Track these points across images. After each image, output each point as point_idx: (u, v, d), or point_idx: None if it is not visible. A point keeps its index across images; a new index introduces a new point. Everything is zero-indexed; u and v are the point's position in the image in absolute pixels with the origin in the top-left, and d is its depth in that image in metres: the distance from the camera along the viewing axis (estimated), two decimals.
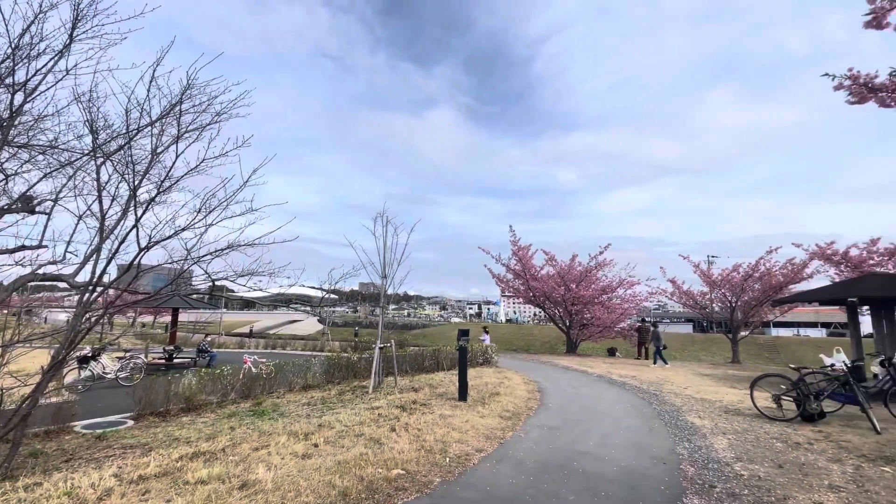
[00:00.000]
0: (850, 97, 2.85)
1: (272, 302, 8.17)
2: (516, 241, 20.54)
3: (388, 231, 9.32)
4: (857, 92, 2.75)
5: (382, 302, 9.42)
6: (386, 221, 9.44)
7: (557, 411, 7.19)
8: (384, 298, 9.39)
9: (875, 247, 14.57)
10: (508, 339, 43.00)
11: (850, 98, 2.87)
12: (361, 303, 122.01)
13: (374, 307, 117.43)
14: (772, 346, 33.37)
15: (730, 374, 12.97)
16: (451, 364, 12.06)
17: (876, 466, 4.56)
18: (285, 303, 6.89)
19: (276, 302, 10.28)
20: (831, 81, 2.84)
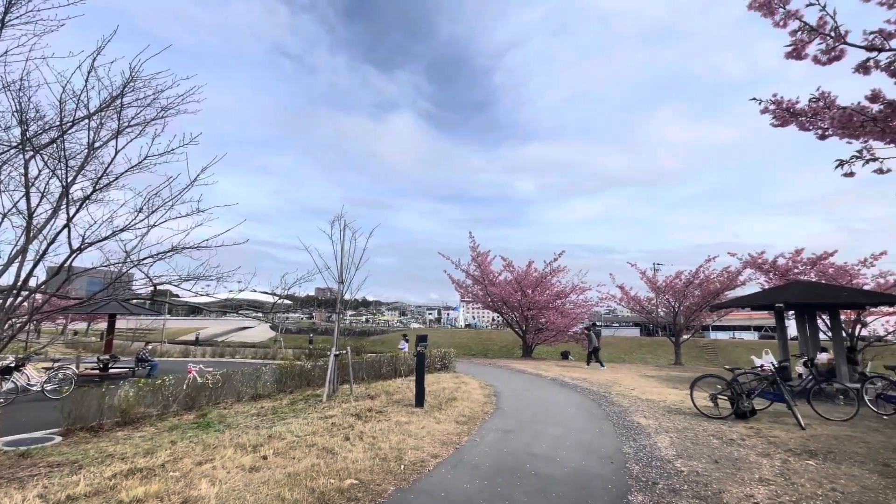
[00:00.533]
0: (774, 120, 3.14)
1: (221, 308, 7.81)
2: (476, 247, 20.82)
3: (345, 235, 9.17)
4: (780, 116, 3.04)
5: (339, 308, 9.22)
6: (343, 225, 9.30)
7: (512, 415, 7.32)
8: (340, 304, 9.21)
9: (799, 257, 15.97)
10: (467, 344, 43.28)
11: (773, 121, 3.16)
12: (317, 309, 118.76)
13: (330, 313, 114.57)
14: (711, 348, 35.63)
15: (673, 376, 13.71)
16: (409, 370, 11.99)
17: (801, 460, 4.97)
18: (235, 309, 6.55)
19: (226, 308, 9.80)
20: (758, 105, 3.13)
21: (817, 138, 2.91)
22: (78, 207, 4.72)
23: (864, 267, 14.40)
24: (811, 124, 2.88)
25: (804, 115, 2.87)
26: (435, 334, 51.55)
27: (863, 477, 4.36)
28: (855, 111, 2.65)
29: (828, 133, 2.86)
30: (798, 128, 2.95)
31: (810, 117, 2.85)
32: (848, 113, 2.67)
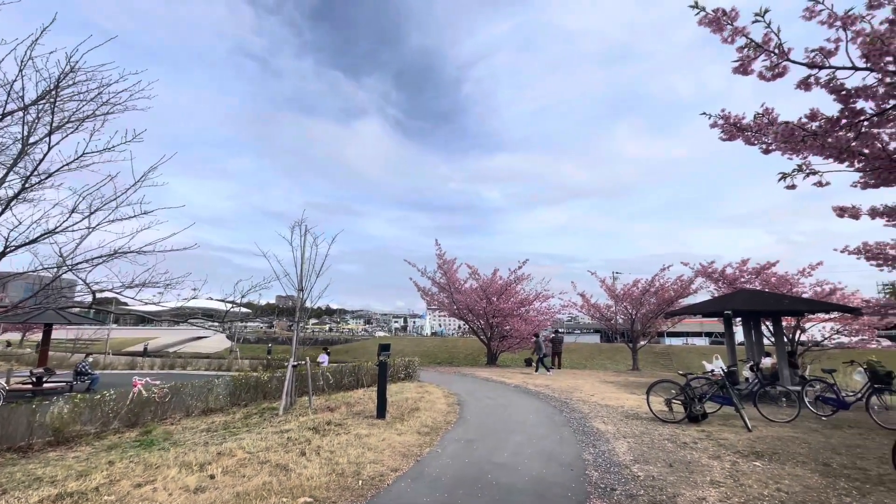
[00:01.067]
0: (723, 134, 3.30)
1: (172, 317, 7.40)
2: (442, 254, 20.80)
3: (305, 241, 8.89)
4: (728, 130, 3.20)
5: (297, 316, 8.91)
6: (304, 230, 9.01)
7: (475, 424, 7.27)
8: (300, 312, 8.90)
9: (745, 266, 16.91)
10: (433, 352, 43.09)
11: (722, 135, 3.33)
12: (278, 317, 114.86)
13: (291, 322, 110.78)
14: (666, 354, 37.13)
15: (630, 381, 14.11)
16: (372, 380, 11.73)
17: (749, 461, 5.18)
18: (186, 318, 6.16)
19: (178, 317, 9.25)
20: (707, 120, 3.28)
21: (762, 152, 3.09)
22: (4, 207, 4.32)
23: (803, 276, 15.42)
24: (756, 139, 3.04)
25: (749, 130, 3.03)
26: (400, 342, 51.02)
27: (805, 477, 4.59)
28: (796, 126, 2.82)
29: (771, 147, 3.03)
30: (744, 142, 3.11)
31: (755, 132, 3.01)
32: (790, 128, 2.83)
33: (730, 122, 3.11)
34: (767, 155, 3.17)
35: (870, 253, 9.98)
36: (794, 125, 2.78)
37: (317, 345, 56.65)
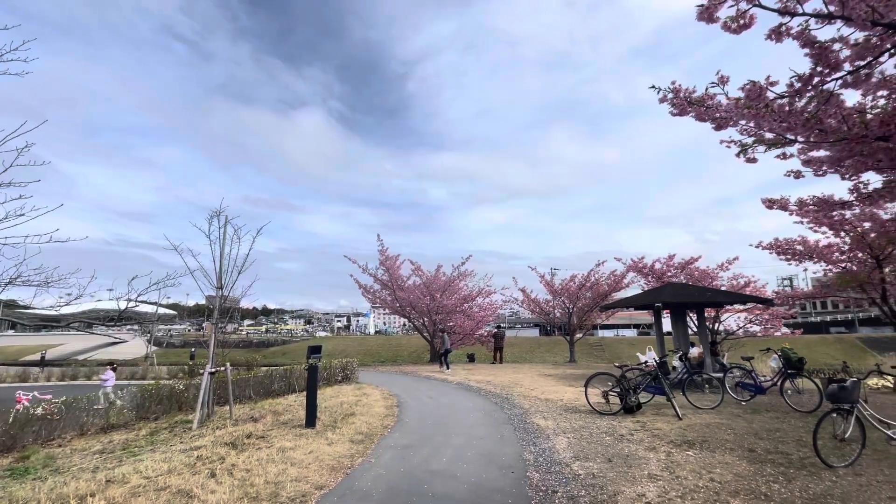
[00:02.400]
0: (673, 109, 3.18)
1: (82, 320, 6.27)
2: (384, 250, 20.17)
3: (226, 233, 8.00)
4: (679, 104, 3.07)
5: (217, 316, 8.00)
6: (225, 222, 8.11)
7: (414, 427, 6.88)
8: (218, 313, 8.00)
9: (671, 261, 17.97)
10: (377, 350, 42.23)
11: (672, 110, 3.21)
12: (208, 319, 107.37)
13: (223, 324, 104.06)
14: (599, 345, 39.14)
15: (568, 374, 14.43)
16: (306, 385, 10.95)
17: (682, 451, 5.23)
18: (87, 322, 5.18)
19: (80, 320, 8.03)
20: (657, 94, 3.14)
21: (713, 129, 3.00)
22: None
23: (722, 271, 16.65)
24: (707, 114, 2.93)
25: (701, 104, 2.90)
26: (343, 342, 49.53)
27: (734, 464, 4.68)
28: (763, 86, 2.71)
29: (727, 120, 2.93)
30: (695, 118, 3.00)
31: (706, 108, 2.89)
32: (757, 88, 2.71)
33: (680, 96, 2.98)
34: (719, 131, 3.08)
35: (780, 249, 10.84)
36: (762, 84, 2.68)
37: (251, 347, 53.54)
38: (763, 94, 2.69)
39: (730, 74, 3.18)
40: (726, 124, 3.02)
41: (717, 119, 2.97)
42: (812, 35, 2.45)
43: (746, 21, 2.53)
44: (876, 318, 47.31)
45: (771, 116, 2.73)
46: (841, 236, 9.27)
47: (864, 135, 2.70)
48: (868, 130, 2.67)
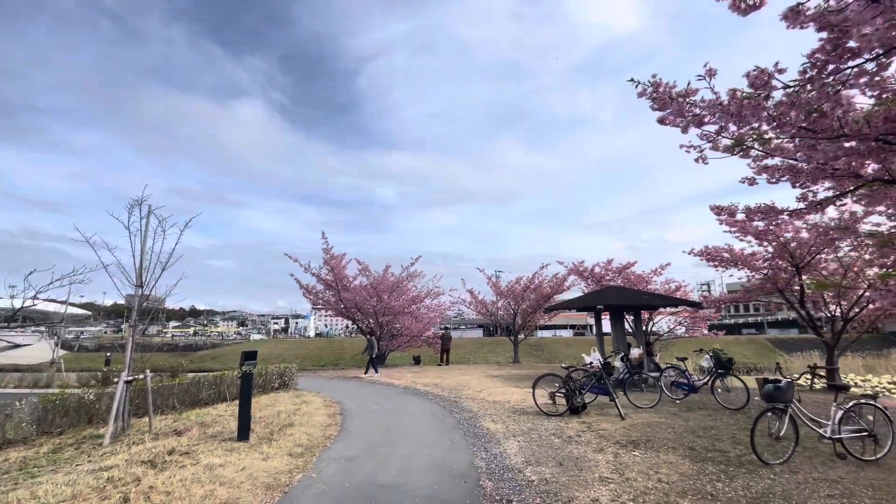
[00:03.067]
0: (653, 104, 3.14)
1: None
2: (329, 249, 19.30)
3: (148, 224, 7.14)
4: (661, 99, 3.04)
5: (135, 317, 7.11)
6: (148, 212, 7.24)
7: (359, 436, 6.49)
8: (137, 314, 7.12)
9: (610, 266, 18.82)
10: (317, 354, 40.58)
11: (653, 105, 3.17)
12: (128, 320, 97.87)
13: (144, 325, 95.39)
14: (539, 345, 40.34)
15: (513, 374, 14.59)
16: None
17: (628, 451, 5.30)
18: None
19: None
20: (635, 88, 3.09)
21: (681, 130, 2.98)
22: None
23: (655, 275, 17.67)
24: (689, 111, 2.91)
25: (682, 97, 2.86)
26: (280, 346, 47.09)
27: (678, 464, 4.79)
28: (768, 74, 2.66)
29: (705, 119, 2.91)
30: (674, 114, 2.96)
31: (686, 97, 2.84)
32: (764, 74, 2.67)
33: (660, 91, 2.93)
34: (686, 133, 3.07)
35: (709, 255, 11.61)
36: (770, 71, 2.64)
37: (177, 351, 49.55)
38: (769, 82, 2.68)
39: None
40: (702, 122, 3.03)
41: (697, 116, 2.97)
42: (831, 18, 2.41)
43: (758, 1, 2.48)
44: (783, 320, 52.92)
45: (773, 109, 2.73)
46: (764, 245, 10.10)
47: (866, 133, 2.76)
48: (870, 128, 2.73)
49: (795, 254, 9.56)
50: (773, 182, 3.84)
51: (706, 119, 2.99)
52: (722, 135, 3.45)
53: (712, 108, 2.88)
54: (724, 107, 2.82)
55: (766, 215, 4.86)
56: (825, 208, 4.51)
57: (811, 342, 36.08)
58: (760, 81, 2.66)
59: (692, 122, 3.06)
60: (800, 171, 3.48)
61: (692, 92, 2.93)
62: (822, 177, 3.48)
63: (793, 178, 3.62)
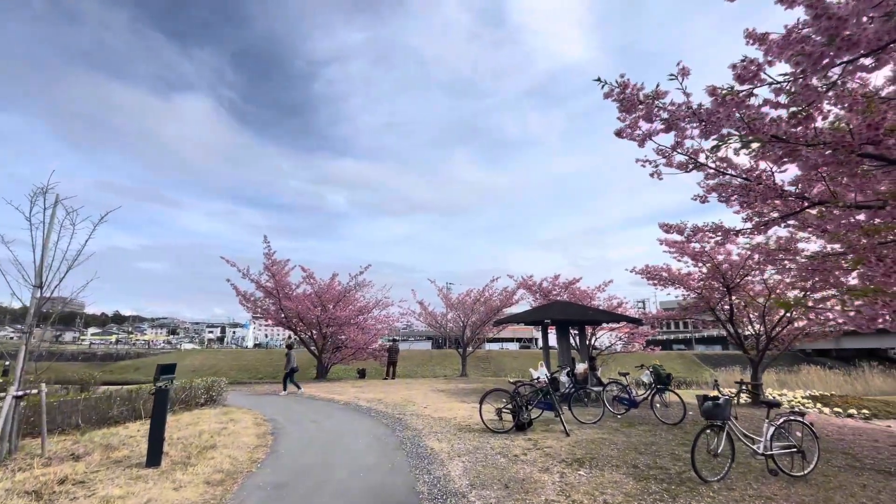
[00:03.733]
0: (620, 105, 3.05)
1: None
2: (271, 254, 18.24)
3: (54, 216, 6.24)
4: (629, 100, 2.95)
5: (29, 322, 6.14)
6: (55, 201, 6.34)
7: (290, 459, 5.92)
8: (34, 317, 6.15)
9: (557, 281, 19.24)
10: (255, 366, 38.31)
11: (619, 107, 3.08)
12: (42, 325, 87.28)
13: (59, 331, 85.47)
14: (486, 358, 40.60)
15: (460, 388, 14.36)
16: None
17: (574, 470, 5.19)
18: None
19: None
20: (601, 88, 2.99)
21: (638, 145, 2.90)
22: None
23: (599, 291, 18.26)
24: (656, 115, 2.83)
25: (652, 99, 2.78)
26: (213, 357, 44.02)
27: (623, 483, 4.73)
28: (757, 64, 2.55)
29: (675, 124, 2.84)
30: (641, 118, 2.88)
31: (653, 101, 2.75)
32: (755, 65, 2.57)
33: (627, 92, 2.84)
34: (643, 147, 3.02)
35: (649, 274, 12.09)
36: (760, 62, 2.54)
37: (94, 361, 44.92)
38: (758, 74, 2.61)
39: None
40: (670, 128, 2.98)
41: (666, 121, 2.92)
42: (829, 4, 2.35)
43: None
44: (708, 337, 56.93)
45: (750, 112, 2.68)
46: (699, 266, 10.67)
47: (848, 143, 2.75)
48: (852, 137, 2.72)
49: (727, 275, 10.17)
50: (722, 201, 3.95)
51: (677, 124, 2.94)
52: (677, 150, 3.49)
53: (683, 114, 2.83)
54: (696, 111, 2.78)
55: (714, 234, 5.03)
56: (769, 229, 4.73)
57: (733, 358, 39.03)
58: (748, 73, 2.61)
59: (660, 131, 3.01)
60: (751, 189, 3.57)
61: (662, 94, 2.89)
62: (772, 196, 3.59)
63: (743, 198, 3.73)
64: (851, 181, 3.07)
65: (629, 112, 2.97)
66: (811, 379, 23.03)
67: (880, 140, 2.53)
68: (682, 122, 2.88)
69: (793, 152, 2.77)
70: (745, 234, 4.84)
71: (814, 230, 5.48)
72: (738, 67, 2.58)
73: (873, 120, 2.50)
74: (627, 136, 3.35)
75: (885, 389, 21.49)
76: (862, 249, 3.60)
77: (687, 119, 2.84)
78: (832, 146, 2.58)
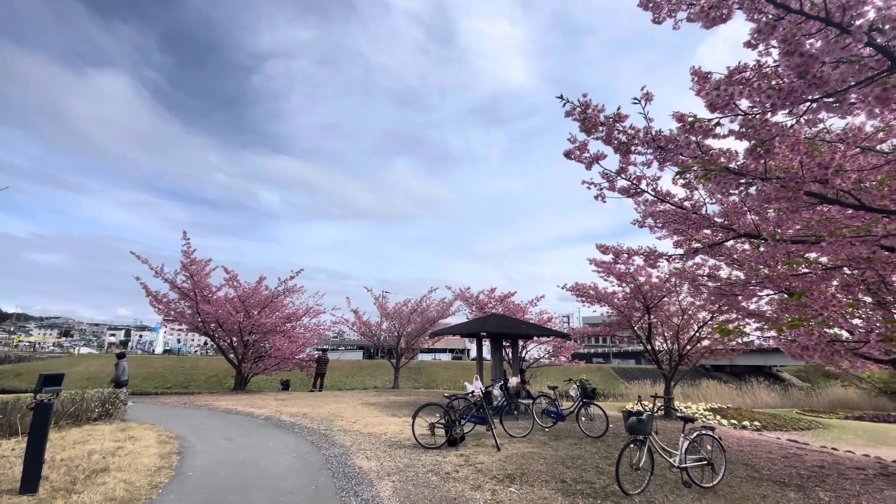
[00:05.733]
0: (582, 125, 3.09)
1: None
2: (190, 252, 16.70)
3: None
4: (590, 120, 2.99)
5: None
6: None
7: (198, 484, 5.31)
8: None
9: (493, 294, 19.65)
10: (164, 374, 34.78)
11: (581, 126, 3.12)
12: None
13: None
14: (418, 369, 40.30)
15: (392, 401, 14.01)
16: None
17: (505, 487, 5.16)
18: None
19: None
20: (563, 106, 3.02)
21: (586, 166, 2.95)
22: None
23: (532, 306, 18.89)
24: (615, 139, 2.89)
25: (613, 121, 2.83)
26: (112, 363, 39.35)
27: (551, 499, 4.77)
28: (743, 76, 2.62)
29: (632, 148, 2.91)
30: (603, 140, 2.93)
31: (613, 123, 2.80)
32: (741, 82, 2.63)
33: (588, 112, 2.88)
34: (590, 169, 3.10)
35: (578, 291, 12.68)
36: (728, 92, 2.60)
37: None
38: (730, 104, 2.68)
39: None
40: (628, 151, 3.09)
41: (624, 145, 3.01)
42: (800, 42, 2.49)
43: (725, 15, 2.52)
44: (623, 352, 61.16)
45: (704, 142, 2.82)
46: (622, 286, 11.40)
47: (797, 181, 2.96)
48: (805, 172, 2.93)
49: (647, 295, 10.94)
50: (659, 227, 4.22)
51: (634, 147, 3.06)
52: (621, 176, 3.67)
53: (642, 138, 2.95)
54: (655, 136, 2.91)
55: (648, 258, 5.35)
56: (697, 256, 5.13)
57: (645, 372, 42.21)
58: (721, 101, 2.74)
59: (617, 152, 3.11)
60: (687, 218, 3.84)
61: (623, 117, 2.99)
62: (705, 226, 3.89)
63: (679, 225, 4.00)
64: (791, 217, 3.40)
65: (588, 132, 3.05)
66: (709, 392, 25.43)
67: (827, 179, 2.81)
68: (640, 147, 3.02)
69: (747, 184, 2.99)
70: (675, 260, 5.22)
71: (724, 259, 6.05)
72: (710, 94, 2.74)
73: (823, 160, 2.78)
74: (576, 157, 3.46)
75: (769, 402, 24.30)
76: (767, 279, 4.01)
77: (645, 144, 2.97)
78: (783, 181, 2.81)
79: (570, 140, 3.54)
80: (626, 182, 3.72)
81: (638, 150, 3.11)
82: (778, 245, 3.32)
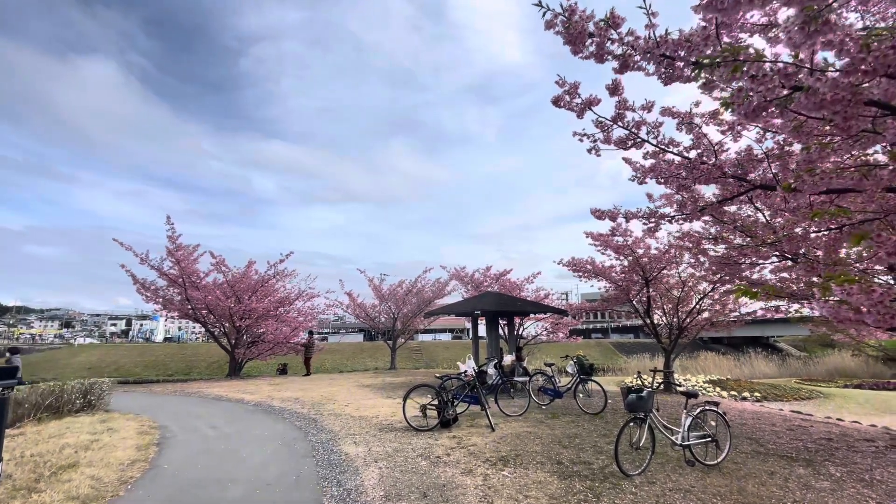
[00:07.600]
0: (566, 37, 2.63)
1: None
2: (175, 237, 16.20)
3: None
4: (575, 29, 2.53)
5: None
6: None
7: (173, 476, 5.02)
8: None
9: (489, 272, 19.33)
10: (164, 362, 34.75)
11: (565, 38, 2.66)
12: None
13: None
14: (418, 349, 40.40)
15: (388, 382, 13.81)
16: (28, 417, 7.48)
17: (497, 471, 4.88)
18: None
19: None
20: (542, 17, 2.54)
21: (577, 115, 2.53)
22: None
23: (528, 283, 18.58)
24: (608, 52, 2.43)
25: (605, 28, 2.37)
26: (115, 352, 39.30)
27: (547, 483, 4.48)
28: None
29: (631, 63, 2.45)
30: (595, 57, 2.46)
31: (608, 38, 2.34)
32: None
33: (574, 19, 2.44)
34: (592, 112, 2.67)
35: (575, 266, 12.31)
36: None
37: None
38: None
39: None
40: (627, 66, 2.61)
41: (618, 59, 2.53)
42: None
43: None
44: (622, 327, 61.37)
45: None
46: (620, 259, 11.02)
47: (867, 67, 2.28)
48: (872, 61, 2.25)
49: (646, 268, 10.58)
50: (661, 182, 3.80)
51: (632, 62, 2.55)
52: (618, 123, 3.23)
53: (642, 48, 2.41)
54: (660, 42, 2.36)
55: (648, 220, 4.94)
56: (705, 215, 4.72)
57: (644, 346, 42.34)
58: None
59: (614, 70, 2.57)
60: (695, 168, 3.41)
61: (619, 20, 2.49)
62: (716, 176, 3.46)
63: (685, 179, 3.57)
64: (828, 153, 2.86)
65: (576, 46, 2.55)
66: (708, 364, 25.41)
67: None
68: (640, 61, 2.52)
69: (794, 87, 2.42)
70: (678, 221, 4.81)
71: (729, 225, 5.65)
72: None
73: None
74: (565, 104, 3.02)
75: (767, 373, 24.31)
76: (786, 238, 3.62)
77: (647, 54, 2.46)
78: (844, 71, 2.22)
79: (558, 83, 3.07)
80: (624, 130, 3.27)
81: (638, 66, 2.61)
82: (804, 191, 2.88)
